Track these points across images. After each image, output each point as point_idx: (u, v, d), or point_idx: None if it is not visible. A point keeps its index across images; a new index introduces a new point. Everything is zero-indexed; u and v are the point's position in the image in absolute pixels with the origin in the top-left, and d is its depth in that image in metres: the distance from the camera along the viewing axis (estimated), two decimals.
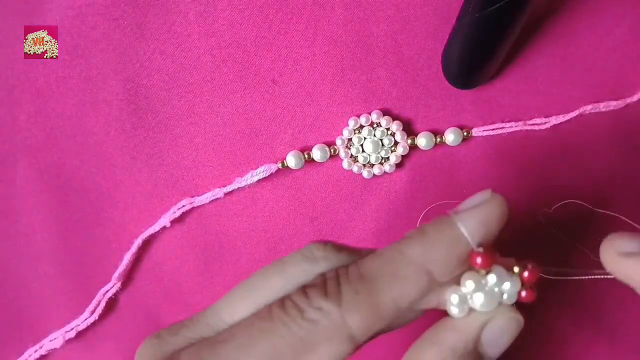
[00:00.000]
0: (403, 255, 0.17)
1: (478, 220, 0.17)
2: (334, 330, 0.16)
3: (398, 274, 0.16)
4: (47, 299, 0.33)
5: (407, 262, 0.17)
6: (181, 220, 0.32)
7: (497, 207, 0.17)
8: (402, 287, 0.16)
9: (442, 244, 0.17)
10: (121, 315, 0.34)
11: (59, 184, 0.32)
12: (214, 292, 0.33)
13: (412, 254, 0.17)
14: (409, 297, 0.17)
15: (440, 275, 0.17)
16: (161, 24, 0.30)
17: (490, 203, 0.17)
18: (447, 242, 0.17)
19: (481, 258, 0.17)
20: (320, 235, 0.32)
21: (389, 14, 0.30)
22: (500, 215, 0.17)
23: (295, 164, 0.31)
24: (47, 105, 0.31)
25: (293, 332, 0.16)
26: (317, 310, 0.16)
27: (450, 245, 0.17)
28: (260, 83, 0.31)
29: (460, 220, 0.17)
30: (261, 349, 0.16)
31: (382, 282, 0.16)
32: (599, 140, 0.31)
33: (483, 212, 0.17)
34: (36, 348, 0.33)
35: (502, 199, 0.17)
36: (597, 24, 0.30)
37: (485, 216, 0.17)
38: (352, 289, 0.16)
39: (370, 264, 0.17)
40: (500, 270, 0.17)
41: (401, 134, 0.30)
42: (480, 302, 0.17)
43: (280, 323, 0.16)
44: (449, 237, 0.17)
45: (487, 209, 0.17)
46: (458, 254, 0.17)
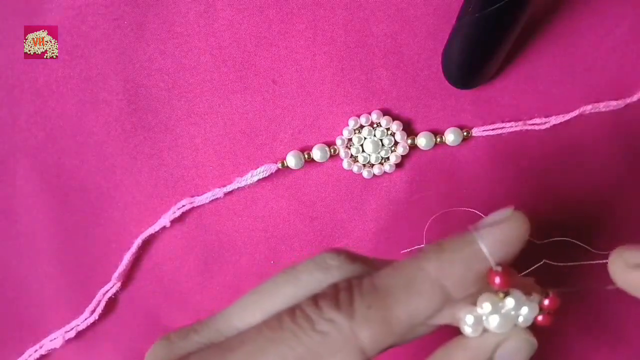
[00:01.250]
0: (419, 269, 0.16)
1: (498, 238, 0.16)
2: (344, 344, 0.16)
3: (413, 288, 0.16)
4: (47, 299, 0.33)
5: (422, 277, 0.16)
6: (181, 220, 0.32)
7: (518, 226, 0.16)
8: (416, 303, 0.16)
9: (460, 261, 0.16)
10: (121, 315, 0.34)
11: (59, 184, 0.32)
12: (214, 292, 0.33)
13: (428, 269, 0.16)
14: (423, 312, 0.16)
15: (456, 292, 0.16)
16: (161, 24, 0.30)
17: (512, 221, 0.16)
18: (464, 258, 0.16)
19: (500, 278, 0.16)
20: (320, 235, 0.32)
21: (389, 14, 0.30)
22: (521, 235, 0.16)
23: (295, 164, 0.31)
24: (47, 105, 0.31)
25: (302, 343, 0.16)
26: (328, 322, 0.16)
27: (468, 262, 0.16)
28: (260, 83, 0.31)
29: (480, 237, 0.16)
30: (270, 358, 0.16)
31: (396, 297, 0.16)
32: (599, 140, 0.31)
33: (504, 230, 0.16)
34: (36, 348, 0.33)
35: (524, 218, 0.17)
36: (597, 24, 0.30)
37: (506, 234, 0.16)
38: (365, 302, 0.16)
39: (384, 277, 0.17)
40: (518, 295, 0.17)
41: (401, 134, 0.30)
42: (496, 324, 0.17)
43: (290, 333, 0.16)
44: (467, 253, 0.16)
45: (508, 227, 0.16)
46: (475, 271, 0.16)
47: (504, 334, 0.17)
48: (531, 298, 0.17)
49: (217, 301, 0.33)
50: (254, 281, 0.33)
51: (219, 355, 0.17)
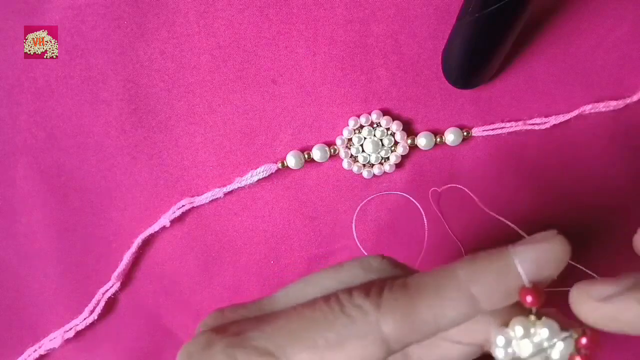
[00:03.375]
0: (451, 274, 0.16)
1: (534, 257, 0.16)
2: (369, 330, 0.16)
3: (442, 291, 0.16)
4: (47, 299, 0.33)
5: (452, 281, 0.16)
6: (181, 220, 0.32)
7: (557, 249, 0.16)
8: (443, 305, 0.16)
9: (491, 272, 0.16)
10: (120, 315, 0.34)
11: (59, 184, 0.32)
12: (214, 292, 0.33)
13: (459, 275, 0.16)
14: (449, 316, 0.16)
15: (485, 302, 0.16)
16: (161, 24, 0.30)
17: (551, 243, 0.16)
18: (496, 270, 0.16)
19: (532, 296, 0.16)
20: (320, 235, 0.32)
21: (389, 14, 0.30)
22: (559, 258, 0.16)
23: (295, 164, 0.31)
24: (47, 105, 0.31)
25: (329, 324, 0.16)
26: (356, 307, 0.17)
27: (499, 275, 0.16)
28: (260, 83, 0.31)
29: (515, 253, 0.16)
30: (297, 333, 0.17)
31: (424, 296, 0.16)
32: (598, 140, 0.31)
33: (541, 251, 0.16)
34: (35, 348, 0.33)
35: (564, 242, 0.16)
36: (597, 24, 0.30)
37: (543, 255, 0.16)
38: (393, 295, 0.17)
39: (416, 277, 0.17)
40: (553, 325, 0.16)
41: (401, 134, 0.30)
42: (528, 352, 0.16)
43: (320, 313, 0.17)
44: (500, 266, 0.16)
45: (546, 248, 0.16)
46: (506, 285, 0.16)
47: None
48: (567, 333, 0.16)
49: (217, 301, 0.33)
50: (254, 281, 0.33)
51: (254, 325, 0.18)
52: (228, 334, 0.18)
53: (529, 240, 0.17)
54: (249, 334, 0.17)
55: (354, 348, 0.16)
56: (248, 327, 0.18)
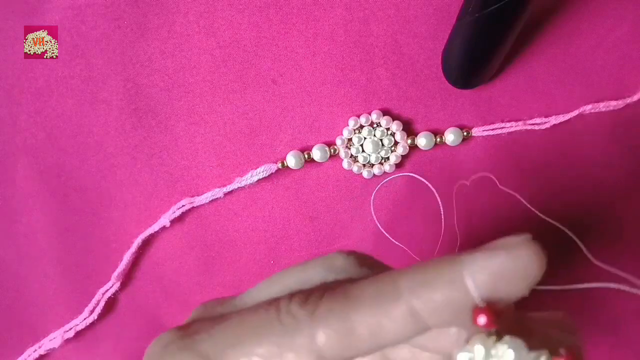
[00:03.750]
0: (393, 283, 0.14)
1: (491, 269, 0.13)
2: (302, 342, 0.15)
3: (381, 304, 0.14)
4: (47, 299, 0.33)
5: (393, 292, 0.14)
6: (181, 220, 0.32)
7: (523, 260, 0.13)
8: (380, 320, 0.14)
9: (437, 285, 0.14)
10: (120, 315, 0.34)
11: (59, 184, 0.32)
12: (214, 292, 0.33)
13: (401, 286, 0.14)
14: (390, 334, 0.14)
15: (431, 320, 0.14)
16: (161, 24, 0.30)
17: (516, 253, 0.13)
18: (443, 283, 0.14)
19: (485, 318, 0.13)
20: (320, 235, 0.32)
21: (389, 14, 0.30)
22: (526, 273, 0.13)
23: (295, 164, 0.31)
24: (47, 105, 0.31)
25: (268, 332, 0.15)
26: (290, 315, 0.15)
27: (446, 289, 0.13)
28: (260, 83, 0.31)
29: (466, 263, 0.13)
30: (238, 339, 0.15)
31: (360, 308, 0.14)
32: (598, 140, 0.31)
33: (501, 262, 0.13)
34: (35, 347, 0.33)
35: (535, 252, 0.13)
36: (597, 24, 0.30)
37: (504, 268, 0.13)
38: (330, 305, 0.15)
39: (361, 285, 0.15)
40: (518, 346, 0.13)
41: (401, 134, 0.30)
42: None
43: (260, 319, 0.16)
44: (448, 278, 0.14)
45: (509, 259, 0.13)
46: (453, 302, 0.14)
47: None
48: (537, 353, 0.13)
49: None
50: (254, 281, 0.33)
51: (210, 325, 0.17)
52: (188, 333, 0.17)
53: (488, 247, 0.14)
54: (200, 335, 0.16)
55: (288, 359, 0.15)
56: (203, 328, 0.17)
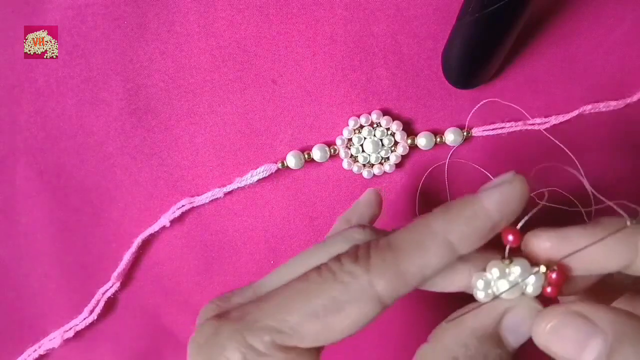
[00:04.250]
0: (427, 227, 0.18)
1: (499, 197, 0.18)
2: (362, 292, 0.17)
3: (422, 244, 0.18)
4: (47, 299, 0.33)
5: (430, 233, 0.18)
6: (181, 220, 0.32)
7: (518, 187, 0.18)
8: (425, 256, 0.18)
9: (462, 217, 0.18)
10: (120, 315, 0.34)
11: (59, 184, 0.32)
12: (214, 292, 0.33)
13: (435, 226, 0.18)
14: (433, 265, 0.18)
15: (461, 246, 0.18)
16: (161, 24, 0.30)
17: (512, 183, 0.18)
18: (467, 215, 0.18)
19: (512, 235, 0.18)
20: (320, 235, 0.32)
21: (389, 14, 0.30)
22: (521, 194, 0.18)
23: (295, 164, 0.31)
24: (47, 105, 0.31)
25: (325, 292, 0.18)
26: (348, 273, 0.18)
27: (470, 219, 0.18)
28: (260, 83, 0.31)
29: (482, 197, 0.18)
30: (297, 306, 0.18)
31: (407, 251, 0.18)
32: (598, 140, 0.31)
33: (505, 190, 0.18)
34: (35, 347, 0.33)
35: (523, 179, 0.18)
36: (597, 24, 0.30)
37: (507, 194, 0.18)
38: (380, 256, 0.18)
39: (397, 235, 0.18)
40: (524, 264, 0.18)
41: (401, 134, 0.30)
42: (504, 289, 0.18)
43: (315, 284, 0.18)
44: (470, 211, 0.18)
45: (509, 187, 0.18)
46: (477, 227, 0.18)
47: (513, 301, 0.19)
48: (537, 269, 0.18)
49: None
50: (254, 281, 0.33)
51: (255, 305, 0.19)
52: (231, 319, 0.19)
53: (492, 185, 0.18)
54: (252, 316, 0.18)
55: (353, 310, 0.17)
56: (248, 309, 0.19)
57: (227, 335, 0.18)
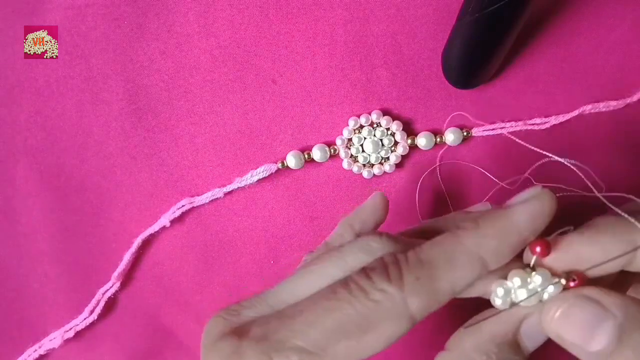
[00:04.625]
0: (459, 243, 0.18)
1: (530, 213, 0.18)
2: (396, 311, 0.17)
3: (455, 261, 0.18)
4: (47, 299, 0.33)
5: (463, 251, 0.18)
6: (181, 220, 0.32)
7: (547, 203, 0.18)
8: (458, 273, 0.18)
9: (495, 235, 0.18)
10: (120, 315, 0.34)
11: (59, 184, 0.32)
12: (214, 292, 0.33)
13: (467, 243, 0.18)
14: (464, 282, 0.18)
15: (493, 263, 0.18)
16: (161, 24, 0.30)
17: (541, 198, 0.18)
18: (499, 232, 0.18)
19: (540, 247, 0.19)
20: (320, 235, 0.32)
21: (389, 14, 0.30)
22: (549, 210, 0.18)
23: (295, 164, 0.31)
24: (47, 105, 0.31)
25: (357, 311, 0.17)
26: (381, 292, 0.18)
27: (502, 235, 0.18)
28: (260, 83, 0.31)
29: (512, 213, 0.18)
30: (328, 324, 0.17)
31: (441, 269, 0.18)
32: (598, 140, 0.31)
33: (534, 206, 0.18)
34: (35, 348, 0.33)
35: (552, 195, 0.19)
36: (597, 24, 0.30)
37: (537, 210, 0.18)
38: (413, 274, 0.18)
39: (429, 251, 0.18)
40: (546, 275, 0.19)
41: (401, 134, 0.30)
42: (523, 297, 0.19)
43: (346, 302, 0.18)
44: (501, 227, 0.18)
45: (539, 203, 0.18)
46: (509, 243, 0.18)
47: (530, 308, 0.19)
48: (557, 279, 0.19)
49: (217, 301, 0.33)
50: (254, 281, 0.33)
51: (279, 322, 0.18)
52: (254, 338, 0.18)
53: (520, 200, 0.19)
54: (278, 335, 0.18)
55: (385, 328, 0.17)
56: (272, 327, 0.18)
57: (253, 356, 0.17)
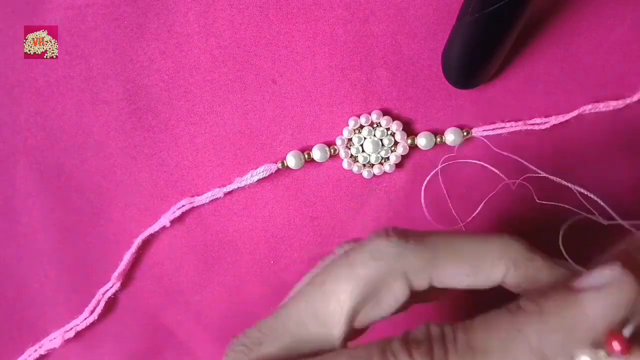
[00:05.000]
0: (518, 331, 0.16)
1: (606, 303, 0.15)
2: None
3: (510, 351, 0.15)
4: (47, 299, 0.33)
5: (521, 342, 0.15)
6: (181, 220, 0.32)
7: (627, 291, 0.15)
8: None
9: (562, 327, 0.15)
10: (120, 315, 0.34)
11: (59, 184, 0.32)
12: (214, 292, 0.33)
13: (527, 333, 0.15)
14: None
15: (553, 356, 0.15)
16: (161, 24, 0.30)
17: (621, 285, 0.15)
18: (568, 325, 0.15)
19: (619, 344, 0.15)
20: (320, 235, 0.32)
21: (389, 14, 0.30)
22: (629, 300, 0.15)
23: (295, 164, 0.31)
24: (47, 105, 0.31)
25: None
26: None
27: (571, 329, 0.15)
28: (260, 83, 0.31)
29: (584, 301, 0.15)
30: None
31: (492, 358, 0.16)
32: (598, 140, 0.31)
33: (612, 297, 0.15)
34: (36, 348, 0.33)
35: (633, 281, 0.15)
36: (597, 24, 0.30)
37: (615, 301, 0.15)
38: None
39: (480, 335, 0.16)
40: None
41: (401, 134, 0.30)
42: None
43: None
44: (569, 318, 0.15)
45: (617, 292, 0.15)
46: (578, 338, 0.15)
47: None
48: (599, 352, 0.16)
49: (217, 301, 0.33)
50: (254, 281, 0.33)
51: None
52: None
53: (595, 283, 0.15)
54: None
55: None
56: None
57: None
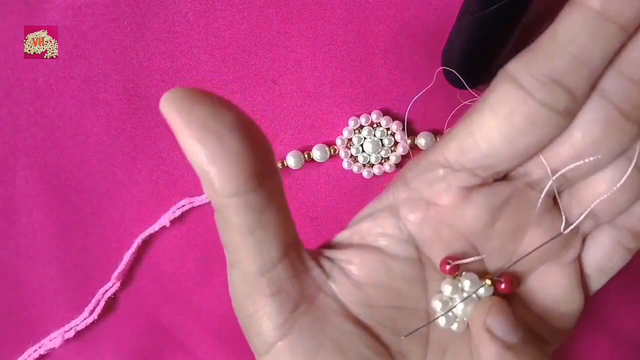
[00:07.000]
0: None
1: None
2: None
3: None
4: (47, 299, 0.33)
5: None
6: (181, 220, 0.32)
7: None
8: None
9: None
10: (120, 315, 0.34)
11: (59, 184, 0.32)
12: (214, 292, 0.33)
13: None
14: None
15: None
16: (161, 24, 0.30)
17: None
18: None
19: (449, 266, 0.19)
20: (320, 235, 0.32)
21: (389, 14, 0.30)
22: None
23: (295, 164, 0.31)
24: (47, 105, 0.31)
25: None
26: None
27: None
28: (260, 83, 0.31)
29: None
30: None
31: None
32: None
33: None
34: (36, 348, 0.33)
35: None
36: None
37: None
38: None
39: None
40: (472, 277, 0.19)
41: (401, 134, 0.30)
42: (460, 306, 0.19)
43: None
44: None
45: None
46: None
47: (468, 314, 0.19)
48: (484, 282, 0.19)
49: (217, 301, 0.33)
50: None
51: None
52: None
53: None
54: None
55: None
56: None
57: None
